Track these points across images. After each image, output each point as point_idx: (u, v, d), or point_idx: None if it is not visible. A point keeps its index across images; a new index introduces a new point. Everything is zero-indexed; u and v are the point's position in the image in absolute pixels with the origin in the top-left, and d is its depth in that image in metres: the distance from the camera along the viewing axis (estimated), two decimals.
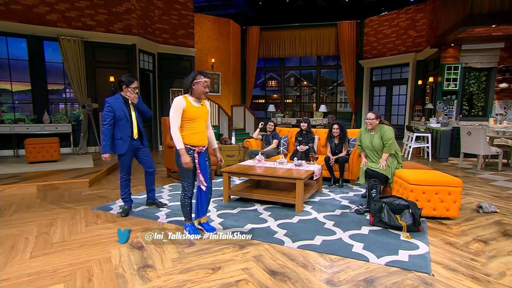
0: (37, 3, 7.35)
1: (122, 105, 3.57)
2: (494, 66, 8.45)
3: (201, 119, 2.94)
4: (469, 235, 3.18)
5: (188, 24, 10.01)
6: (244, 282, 2.27)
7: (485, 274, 2.40)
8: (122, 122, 3.57)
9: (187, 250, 2.79)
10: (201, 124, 2.94)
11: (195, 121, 2.89)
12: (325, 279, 2.31)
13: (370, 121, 4.08)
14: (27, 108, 7.90)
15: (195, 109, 2.88)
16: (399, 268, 2.47)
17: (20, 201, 4.26)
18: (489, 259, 2.66)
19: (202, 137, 2.96)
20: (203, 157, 2.99)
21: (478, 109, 8.98)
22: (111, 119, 3.50)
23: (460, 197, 3.53)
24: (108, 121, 3.50)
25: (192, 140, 2.90)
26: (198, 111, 2.91)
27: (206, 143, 3.02)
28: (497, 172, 6.23)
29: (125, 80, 3.52)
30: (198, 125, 2.91)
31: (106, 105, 3.51)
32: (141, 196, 4.49)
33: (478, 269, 2.49)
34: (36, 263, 2.55)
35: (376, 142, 4.07)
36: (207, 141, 3.05)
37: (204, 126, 3.00)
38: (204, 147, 2.98)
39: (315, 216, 3.68)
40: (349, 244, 2.91)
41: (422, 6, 10.14)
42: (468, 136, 6.38)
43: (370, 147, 4.15)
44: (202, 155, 2.98)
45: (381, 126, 4.08)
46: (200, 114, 2.91)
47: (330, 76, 14.36)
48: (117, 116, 3.54)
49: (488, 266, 2.54)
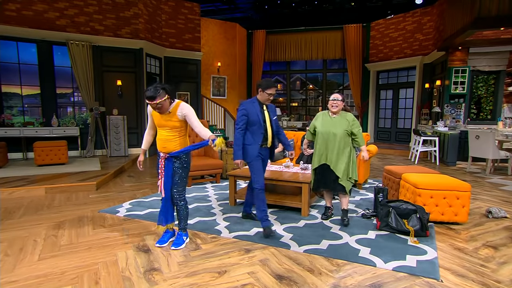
0: (47, 9, 7.48)
1: (258, 109, 3.28)
2: (503, 69, 8.35)
3: (164, 127, 2.82)
4: (479, 240, 3.13)
5: (195, 28, 10.10)
6: (250, 286, 2.26)
7: (495, 281, 2.36)
8: (255, 128, 3.28)
9: (193, 253, 2.79)
10: (164, 131, 2.83)
11: (159, 128, 2.87)
12: (331, 284, 2.29)
13: (337, 102, 3.43)
14: (36, 112, 8.02)
15: (160, 117, 2.81)
16: (407, 273, 2.44)
17: (28, 203, 4.31)
18: (500, 266, 2.61)
19: (162, 144, 2.84)
20: (169, 164, 2.85)
21: (486, 113, 8.87)
22: (244, 123, 3.24)
23: (469, 202, 3.48)
24: (240, 125, 3.25)
25: (157, 146, 2.91)
26: (163, 119, 2.80)
27: (169, 150, 2.83)
28: (506, 177, 6.14)
29: (262, 84, 3.26)
30: (161, 132, 2.85)
31: (241, 108, 3.27)
32: (147, 199, 4.51)
33: (489, 275, 2.44)
34: (44, 265, 2.58)
35: (338, 129, 3.40)
36: (171, 148, 2.83)
37: (167, 134, 2.83)
38: (166, 153, 2.84)
39: (321, 220, 3.66)
40: (356, 248, 2.89)
41: (429, 9, 10.09)
42: (476, 140, 6.30)
43: (327, 134, 3.44)
44: (168, 162, 2.85)
45: (345, 112, 3.51)
46: (163, 122, 2.81)
47: (336, 80, 14.33)
48: (250, 121, 3.26)
49: (498, 273, 2.49)
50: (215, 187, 5.26)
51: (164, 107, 2.72)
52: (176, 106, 2.80)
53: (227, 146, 6.10)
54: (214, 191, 5.03)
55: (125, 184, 5.52)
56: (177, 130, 2.83)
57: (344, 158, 3.40)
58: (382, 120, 12.06)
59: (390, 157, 9.08)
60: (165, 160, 2.85)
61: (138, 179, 5.87)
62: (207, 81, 11.32)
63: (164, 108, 2.73)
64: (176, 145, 2.84)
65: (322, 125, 3.49)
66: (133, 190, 5.05)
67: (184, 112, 2.79)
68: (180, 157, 2.86)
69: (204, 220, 3.64)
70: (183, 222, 3.01)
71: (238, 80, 12.27)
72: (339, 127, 3.40)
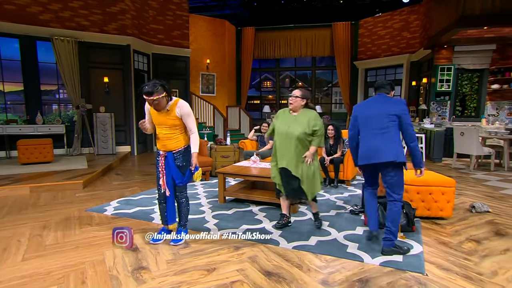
0: (30, 3, 7.27)
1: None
2: (486, 68, 8.54)
3: (163, 125, 2.81)
4: (463, 234, 3.21)
5: (183, 24, 9.99)
6: (239, 283, 2.26)
7: (478, 273, 2.43)
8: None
9: (182, 251, 2.77)
10: (162, 130, 2.82)
11: (157, 127, 2.86)
12: (320, 280, 2.32)
13: (293, 99, 3.12)
14: (19, 109, 7.82)
15: (158, 115, 2.79)
16: (394, 268, 2.49)
17: (12, 203, 4.21)
18: (482, 259, 2.69)
19: (162, 142, 2.84)
20: (168, 162, 2.85)
21: (471, 110, 9.08)
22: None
23: (454, 197, 3.56)
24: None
25: (157, 145, 2.91)
26: (160, 117, 2.79)
27: (168, 148, 2.83)
28: (489, 172, 6.30)
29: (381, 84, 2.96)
30: (160, 130, 2.84)
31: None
32: (135, 197, 4.46)
33: (471, 268, 2.51)
34: (28, 265, 2.52)
35: (298, 128, 3.05)
36: (171, 146, 2.83)
37: (166, 132, 2.82)
38: (166, 151, 2.85)
39: (310, 216, 3.69)
40: (344, 244, 2.92)
41: (416, 8, 10.23)
42: (461, 137, 6.45)
43: (285, 134, 3.09)
44: (167, 160, 2.85)
45: (307, 110, 3.17)
46: (162, 120, 2.79)
47: (325, 77, 14.41)
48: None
49: (481, 266, 2.56)
50: (204, 185, 5.24)
51: (161, 104, 2.70)
52: (174, 104, 2.77)
53: (216, 144, 6.08)
54: (204, 188, 5.01)
55: (113, 182, 5.44)
56: (176, 128, 2.82)
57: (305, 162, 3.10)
58: None
59: None
60: (165, 158, 2.85)
61: (127, 177, 5.80)
62: (196, 78, 11.24)
63: (161, 106, 2.71)
64: (175, 143, 2.83)
65: (281, 125, 3.15)
66: (121, 188, 4.98)
67: (182, 112, 2.78)
68: (178, 156, 2.85)
69: (193, 218, 3.62)
70: (184, 219, 3.03)
71: (228, 77, 12.21)
72: (299, 127, 3.06)
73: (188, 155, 2.90)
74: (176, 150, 2.84)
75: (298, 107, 3.14)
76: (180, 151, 2.85)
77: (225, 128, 10.91)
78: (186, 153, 2.89)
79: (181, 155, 2.85)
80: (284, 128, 3.10)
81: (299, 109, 3.16)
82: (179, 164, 2.85)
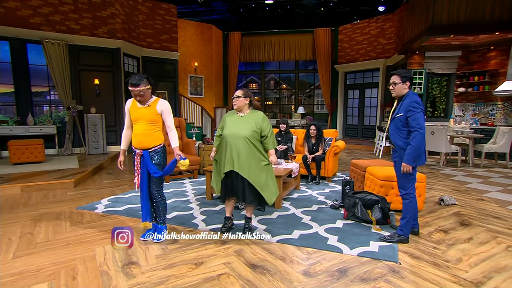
0: (20, 7, 7.02)
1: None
2: (454, 72, 8.80)
3: (142, 120, 2.72)
4: (432, 226, 3.30)
5: (172, 29, 9.86)
6: (225, 276, 2.26)
7: (444, 261, 2.51)
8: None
9: (171, 246, 2.75)
10: (140, 125, 2.73)
11: (135, 123, 2.77)
12: (302, 271, 2.34)
13: (236, 99, 2.90)
14: (10, 110, 7.54)
15: (138, 110, 2.74)
16: (370, 258, 2.54)
17: (3, 202, 4.07)
18: (449, 247, 2.78)
19: (139, 139, 2.73)
20: (144, 160, 2.75)
21: (440, 111, 9.32)
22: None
23: (425, 191, 3.67)
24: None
25: (133, 142, 2.80)
26: (140, 112, 2.73)
27: (145, 145, 2.73)
28: (456, 168, 6.51)
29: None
30: (137, 126, 2.76)
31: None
32: (125, 195, 4.38)
33: (439, 256, 2.59)
34: (19, 263, 2.45)
35: (245, 130, 2.81)
36: (147, 143, 2.74)
37: (144, 128, 2.73)
38: (141, 149, 2.75)
39: (293, 211, 3.72)
40: (325, 237, 2.96)
41: (390, 16, 10.43)
42: (431, 136, 6.63)
43: (233, 135, 2.82)
44: (144, 158, 2.75)
45: (254, 111, 2.96)
46: (141, 115, 2.73)
47: (308, 80, 14.52)
48: None
49: (447, 253, 2.65)
50: (193, 183, 5.20)
51: (145, 96, 2.70)
52: (155, 101, 2.80)
53: (204, 143, 6.04)
54: (192, 186, 4.97)
55: (104, 181, 5.33)
56: (154, 124, 2.77)
57: (258, 163, 2.83)
58: (350, 117, 12.39)
59: (357, 152, 9.36)
60: (140, 158, 2.78)
61: (117, 176, 5.69)
62: (185, 81, 11.12)
63: (145, 98, 2.71)
64: (152, 140, 2.76)
65: (229, 126, 2.90)
66: (112, 187, 4.88)
67: (163, 108, 2.78)
68: (155, 155, 2.78)
69: (182, 215, 3.60)
70: (162, 216, 2.94)
71: (215, 79, 12.14)
72: (247, 127, 2.82)
73: (165, 155, 2.88)
74: (152, 148, 2.75)
75: (243, 106, 2.92)
76: (156, 150, 2.77)
77: (213, 128, 10.85)
78: (164, 153, 2.86)
79: (157, 154, 2.78)
80: (232, 129, 2.85)
81: (245, 108, 2.94)
82: (156, 162, 2.77)
